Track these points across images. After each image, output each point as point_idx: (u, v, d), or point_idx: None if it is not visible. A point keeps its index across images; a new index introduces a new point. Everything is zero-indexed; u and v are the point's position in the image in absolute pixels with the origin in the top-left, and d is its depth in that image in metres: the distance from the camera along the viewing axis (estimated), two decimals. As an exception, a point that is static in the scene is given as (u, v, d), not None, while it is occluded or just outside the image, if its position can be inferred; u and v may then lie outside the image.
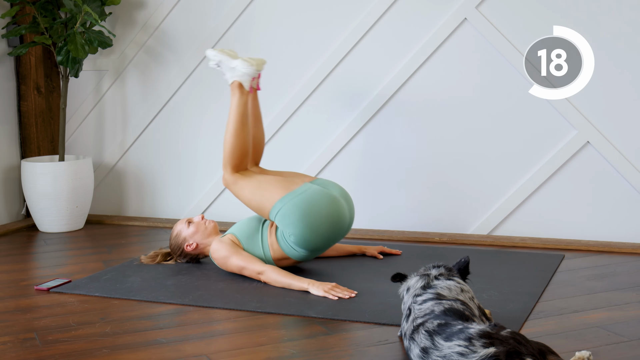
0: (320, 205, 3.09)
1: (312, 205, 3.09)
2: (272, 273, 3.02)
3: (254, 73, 3.34)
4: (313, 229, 3.07)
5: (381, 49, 3.93)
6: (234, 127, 3.29)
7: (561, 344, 2.33)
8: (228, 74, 3.37)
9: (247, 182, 3.24)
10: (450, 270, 2.42)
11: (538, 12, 3.66)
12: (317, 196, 3.11)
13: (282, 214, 3.09)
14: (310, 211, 3.07)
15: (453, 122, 3.86)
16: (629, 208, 3.63)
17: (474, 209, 3.87)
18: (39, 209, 4.18)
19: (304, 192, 3.12)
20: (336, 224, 3.12)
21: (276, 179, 3.22)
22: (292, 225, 3.08)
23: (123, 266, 3.40)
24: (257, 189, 3.20)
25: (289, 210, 3.08)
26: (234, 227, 3.26)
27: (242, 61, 3.32)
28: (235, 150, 3.27)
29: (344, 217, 3.15)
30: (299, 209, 3.07)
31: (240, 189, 3.24)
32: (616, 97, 3.61)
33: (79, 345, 2.44)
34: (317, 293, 2.89)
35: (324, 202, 3.10)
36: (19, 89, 4.45)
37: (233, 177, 3.27)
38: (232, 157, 3.27)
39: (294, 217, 3.07)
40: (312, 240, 3.09)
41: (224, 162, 3.29)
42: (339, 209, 3.13)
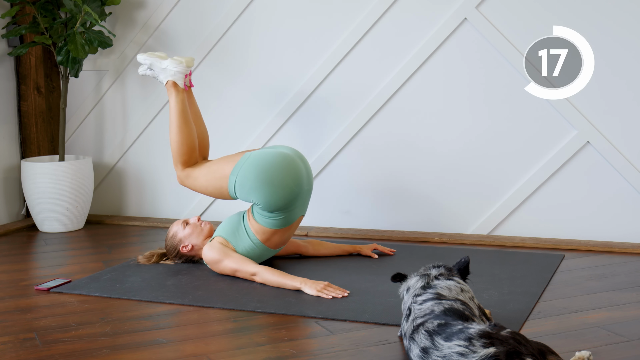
0: (270, 161, 3.16)
1: (262, 163, 3.16)
2: (266, 273, 3.03)
3: (185, 70, 3.47)
4: (271, 184, 3.12)
5: (381, 49, 3.93)
6: (177, 125, 3.40)
7: (561, 344, 2.33)
8: (161, 75, 3.50)
9: (197, 171, 3.35)
10: (450, 270, 2.43)
11: (538, 12, 3.66)
12: (265, 155, 3.21)
13: (240, 184, 3.17)
14: (262, 169, 3.14)
15: (453, 122, 3.86)
16: (629, 208, 3.63)
17: (474, 209, 3.87)
18: (39, 209, 4.18)
19: (249, 157, 3.22)
20: (292, 174, 3.17)
21: (222, 158, 3.35)
22: (252, 190, 3.14)
23: (123, 266, 3.40)
24: (208, 173, 3.31)
25: (243, 178, 3.16)
26: (219, 229, 3.28)
27: (171, 60, 3.46)
28: (182, 146, 3.38)
29: (297, 166, 3.20)
30: (251, 171, 3.15)
31: (194, 180, 3.35)
32: (616, 97, 3.61)
33: (79, 345, 2.44)
34: (309, 292, 2.90)
35: (272, 157, 3.18)
36: (19, 89, 4.45)
37: (185, 171, 3.38)
38: (181, 154, 3.38)
39: (250, 182, 3.14)
40: (276, 197, 3.13)
41: (174, 161, 3.41)
42: (289, 160, 3.20)
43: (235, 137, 4.22)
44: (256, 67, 4.16)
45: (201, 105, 4.27)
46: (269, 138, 4.15)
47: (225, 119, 4.25)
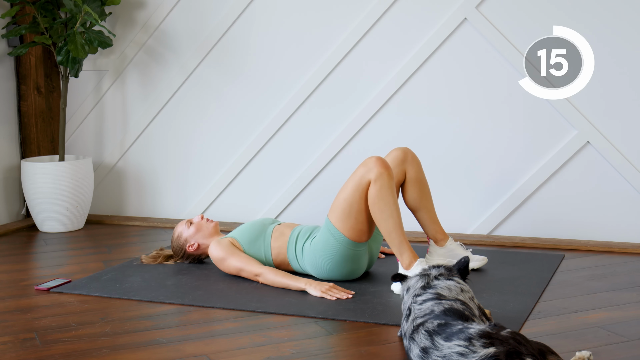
0: (354, 264, 3.05)
1: (348, 261, 3.04)
2: (270, 274, 3.02)
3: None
4: (332, 274, 3.06)
5: (381, 49, 3.93)
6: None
7: (561, 344, 2.33)
8: None
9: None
10: (450, 270, 2.42)
11: (538, 12, 3.66)
12: (358, 256, 3.05)
13: (321, 249, 3.05)
14: (342, 264, 3.04)
15: (453, 122, 3.86)
16: (629, 208, 3.63)
17: (474, 209, 3.87)
18: (39, 209, 4.18)
19: (356, 249, 3.04)
20: (354, 275, 3.10)
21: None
22: (319, 258, 3.05)
23: (123, 266, 3.40)
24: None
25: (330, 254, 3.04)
26: (236, 231, 3.24)
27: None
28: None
29: (362, 271, 3.13)
30: (336, 261, 3.04)
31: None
32: (616, 97, 3.61)
33: (79, 345, 2.44)
34: (314, 293, 2.89)
35: (358, 263, 3.06)
36: (19, 89, 4.45)
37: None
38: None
39: (326, 260, 3.04)
40: (323, 276, 3.09)
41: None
42: (363, 269, 3.12)
43: (236, 137, 4.22)
44: (256, 67, 4.16)
45: (201, 105, 4.28)
46: (269, 138, 4.15)
47: (225, 119, 4.25)
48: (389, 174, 2.92)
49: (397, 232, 2.91)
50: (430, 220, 3.22)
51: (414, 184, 3.18)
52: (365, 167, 2.95)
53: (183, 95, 4.32)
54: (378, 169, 2.91)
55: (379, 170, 2.91)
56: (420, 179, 3.19)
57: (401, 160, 3.17)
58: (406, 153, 3.19)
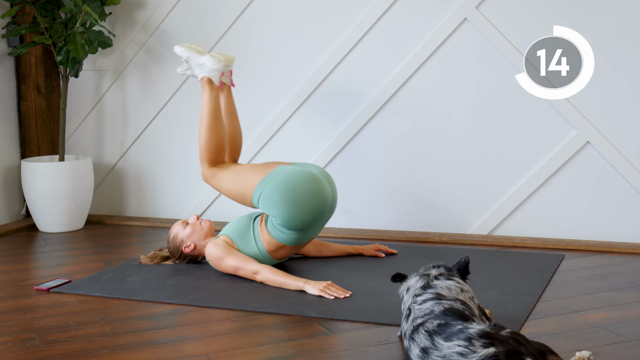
0: (299, 181, 3.14)
1: (291, 182, 3.13)
2: (268, 272, 3.03)
3: (222, 68, 3.40)
4: (296, 205, 3.10)
5: (381, 49, 3.93)
6: (207, 122, 3.36)
7: (561, 344, 2.33)
8: (197, 70, 3.44)
9: (224, 173, 3.32)
10: (450, 270, 2.42)
11: (538, 12, 3.66)
12: (295, 174, 3.17)
13: (264, 197, 3.14)
14: (290, 188, 3.11)
15: (452, 122, 3.86)
16: (629, 208, 3.63)
17: (474, 209, 3.87)
18: (39, 209, 4.18)
19: (281, 172, 3.18)
20: (318, 198, 3.15)
21: (252, 166, 3.31)
22: (276, 206, 3.11)
23: (123, 266, 3.40)
24: (235, 178, 3.27)
25: (269, 192, 3.13)
26: (226, 228, 3.28)
27: (210, 57, 3.39)
28: (210, 144, 3.34)
29: (324, 191, 3.18)
30: (279, 188, 3.12)
31: (219, 181, 3.32)
32: (616, 97, 3.61)
33: (79, 345, 2.44)
34: (312, 292, 2.90)
35: (302, 178, 3.15)
36: (19, 89, 4.45)
37: (210, 170, 3.35)
38: (208, 152, 3.34)
39: (276, 198, 3.11)
40: (297, 218, 3.11)
41: (200, 158, 3.37)
42: (318, 183, 3.17)
43: (235, 137, 4.23)
44: (256, 67, 4.16)
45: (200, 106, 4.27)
46: (270, 138, 4.15)
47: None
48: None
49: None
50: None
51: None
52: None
53: (183, 95, 4.32)
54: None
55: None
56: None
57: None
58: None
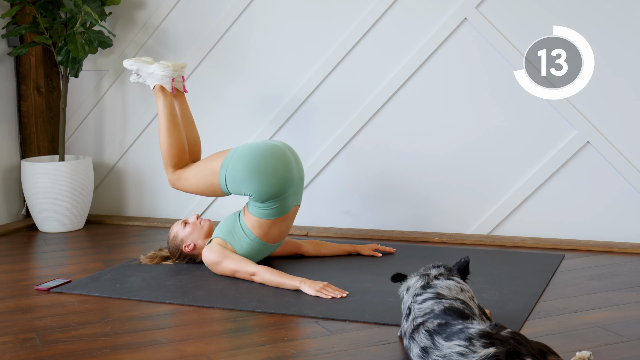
0: (256, 151, 3.19)
1: (249, 154, 3.19)
2: (265, 273, 3.04)
3: (171, 74, 3.48)
4: (261, 172, 3.13)
5: (381, 49, 3.93)
6: (165, 128, 3.41)
7: (561, 344, 2.33)
8: (148, 80, 3.51)
9: (187, 172, 3.37)
10: (450, 270, 2.43)
11: (538, 12, 3.66)
12: (250, 146, 3.25)
13: (230, 177, 3.19)
14: (250, 159, 3.17)
15: (453, 122, 3.86)
16: (629, 208, 3.63)
17: (474, 209, 3.87)
18: (39, 209, 4.18)
19: (237, 149, 3.25)
20: (280, 160, 3.19)
21: (210, 156, 3.36)
22: (244, 181, 3.16)
23: (123, 266, 3.40)
24: (197, 172, 3.33)
25: (233, 170, 3.18)
26: (217, 230, 3.29)
27: (158, 65, 3.48)
28: (172, 149, 3.39)
29: (283, 153, 3.23)
30: (240, 163, 3.18)
31: (185, 180, 3.37)
32: (616, 97, 3.61)
33: (79, 345, 2.44)
34: (308, 292, 2.90)
35: (258, 147, 3.22)
36: (19, 89, 4.45)
37: (175, 174, 3.40)
38: (171, 156, 3.40)
39: (240, 173, 3.16)
40: (268, 184, 3.13)
41: (164, 165, 3.42)
42: (277, 149, 3.23)
43: (235, 137, 4.22)
44: (256, 67, 4.16)
45: (201, 106, 4.27)
46: (270, 137, 4.15)
47: (225, 119, 4.25)
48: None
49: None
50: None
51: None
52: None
53: (183, 95, 4.32)
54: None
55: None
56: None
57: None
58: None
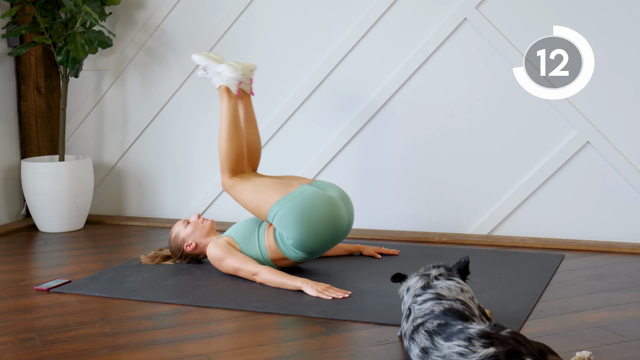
0: (318, 207, 3.08)
1: (309, 207, 3.07)
2: (267, 273, 3.03)
3: (239, 77, 3.35)
4: (310, 231, 3.06)
5: (381, 49, 3.93)
6: (226, 131, 3.31)
7: (561, 344, 2.33)
8: (215, 79, 3.40)
9: (244, 185, 3.25)
10: (450, 270, 2.42)
11: (538, 12, 3.66)
12: (314, 198, 3.10)
13: (280, 217, 3.09)
14: (307, 213, 3.06)
15: (453, 122, 3.86)
16: (629, 208, 3.63)
17: (474, 209, 3.87)
18: (39, 209, 4.18)
19: (300, 194, 3.11)
20: (334, 226, 3.11)
21: (273, 182, 3.22)
22: (290, 227, 3.07)
23: (123, 266, 3.40)
24: (254, 192, 3.20)
25: (285, 213, 3.08)
26: (231, 229, 3.27)
27: (227, 65, 3.35)
28: (231, 153, 3.28)
29: (342, 219, 3.14)
30: (296, 211, 3.06)
31: (239, 192, 3.26)
32: (616, 97, 3.61)
33: (79, 345, 2.44)
34: (310, 293, 2.90)
35: (322, 204, 3.09)
36: (19, 89, 4.45)
37: (231, 180, 3.28)
38: (229, 161, 3.28)
39: (291, 220, 3.07)
40: (309, 243, 3.09)
41: (221, 167, 3.30)
42: (337, 211, 3.12)
43: (235, 137, 4.23)
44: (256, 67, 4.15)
45: (201, 105, 4.27)
46: (270, 137, 4.15)
47: (225, 119, 4.24)
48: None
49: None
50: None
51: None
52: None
53: (183, 95, 4.33)
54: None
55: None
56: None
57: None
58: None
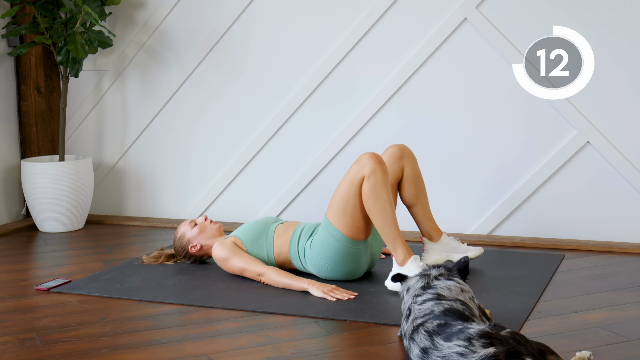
0: (354, 263, 3.04)
1: (348, 259, 3.03)
2: (272, 274, 3.02)
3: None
4: (333, 273, 3.07)
5: (381, 49, 3.93)
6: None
7: (561, 344, 2.33)
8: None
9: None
10: (450, 270, 2.42)
11: (538, 12, 3.66)
12: (357, 255, 3.04)
13: (310, 256, 3.08)
14: (342, 262, 3.04)
15: (453, 122, 3.86)
16: (629, 208, 3.63)
17: (474, 209, 3.87)
18: (39, 209, 4.18)
19: (355, 247, 3.03)
20: (354, 274, 3.10)
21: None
22: (318, 257, 3.06)
23: (123, 266, 3.40)
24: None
25: (317, 256, 3.06)
26: (239, 230, 3.25)
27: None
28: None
29: (362, 271, 3.12)
30: (336, 257, 3.03)
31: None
32: (616, 97, 3.61)
33: (79, 345, 2.44)
34: (316, 294, 2.89)
35: (358, 261, 3.05)
36: (19, 89, 4.45)
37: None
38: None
39: (326, 258, 3.04)
40: (328, 275, 3.09)
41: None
42: (364, 268, 3.11)
43: (236, 137, 4.23)
44: (256, 66, 4.16)
45: (201, 105, 4.27)
46: (270, 137, 4.15)
47: (225, 119, 4.25)
48: (382, 170, 2.92)
49: (391, 228, 2.90)
50: (425, 216, 3.25)
51: (411, 180, 3.22)
52: (359, 163, 2.96)
53: (183, 95, 4.33)
54: (372, 165, 2.92)
55: (372, 166, 2.91)
56: (416, 175, 3.23)
57: (398, 157, 3.21)
58: (403, 150, 3.22)
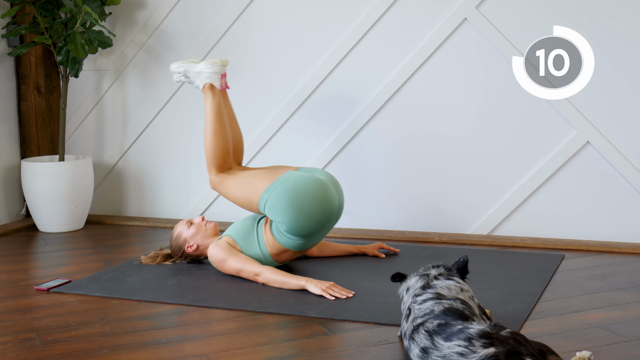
0: (306, 188, 3.14)
1: (298, 189, 3.13)
2: (269, 273, 3.03)
3: (220, 70, 3.44)
4: (302, 212, 3.10)
5: (381, 49, 3.93)
6: (212, 129, 3.36)
7: (561, 344, 2.33)
8: (197, 81, 3.47)
9: (232, 180, 3.31)
10: (449, 270, 2.43)
11: (538, 12, 3.66)
12: (302, 180, 3.17)
13: (271, 204, 3.14)
14: (296, 195, 3.11)
15: (453, 122, 3.86)
16: (629, 208, 3.63)
17: (474, 209, 3.87)
18: (39, 209, 4.18)
19: (288, 179, 3.18)
20: (325, 206, 3.15)
21: (259, 172, 3.30)
22: (282, 212, 3.11)
23: (123, 266, 3.40)
24: (242, 184, 3.27)
25: (276, 199, 3.13)
26: (230, 229, 3.28)
27: (205, 62, 3.43)
28: (217, 150, 3.34)
29: (331, 199, 3.18)
30: (285, 195, 3.12)
31: (227, 187, 3.32)
32: (616, 97, 3.61)
33: (79, 345, 2.44)
34: (314, 291, 2.89)
35: (310, 185, 3.15)
36: (19, 89, 4.45)
37: (218, 177, 3.34)
38: (215, 158, 3.34)
39: (282, 205, 3.11)
40: (303, 225, 3.11)
41: (207, 165, 3.36)
42: (326, 190, 3.17)
43: (235, 137, 4.23)
44: (256, 67, 4.16)
45: (201, 105, 4.27)
46: (269, 138, 4.15)
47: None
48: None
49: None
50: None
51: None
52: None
53: (183, 95, 4.33)
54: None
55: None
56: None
57: None
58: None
